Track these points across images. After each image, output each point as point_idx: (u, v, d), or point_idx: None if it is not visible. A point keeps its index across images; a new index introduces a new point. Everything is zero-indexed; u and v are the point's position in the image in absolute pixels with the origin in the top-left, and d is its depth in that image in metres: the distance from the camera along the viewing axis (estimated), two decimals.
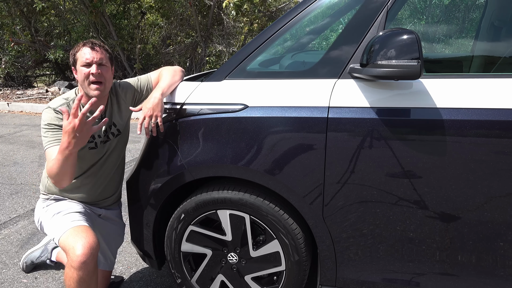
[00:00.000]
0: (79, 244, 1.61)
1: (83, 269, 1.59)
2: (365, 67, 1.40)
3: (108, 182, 1.97)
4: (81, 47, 1.78)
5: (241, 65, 1.66)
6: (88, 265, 1.60)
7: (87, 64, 1.75)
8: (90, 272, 1.62)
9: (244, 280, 1.80)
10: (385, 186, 1.47)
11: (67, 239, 1.66)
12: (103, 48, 1.81)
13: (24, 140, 5.38)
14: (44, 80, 11.46)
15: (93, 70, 1.74)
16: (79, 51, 1.78)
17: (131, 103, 1.96)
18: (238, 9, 6.04)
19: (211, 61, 9.52)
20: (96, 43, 1.80)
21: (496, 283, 1.48)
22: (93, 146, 1.84)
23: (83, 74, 1.75)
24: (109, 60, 1.83)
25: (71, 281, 1.62)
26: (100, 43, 1.82)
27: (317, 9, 1.62)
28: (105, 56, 1.80)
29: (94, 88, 1.75)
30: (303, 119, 1.51)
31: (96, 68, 1.74)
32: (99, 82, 1.76)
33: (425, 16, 4.38)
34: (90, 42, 1.79)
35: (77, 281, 1.61)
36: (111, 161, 1.94)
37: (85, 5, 7.99)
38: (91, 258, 1.61)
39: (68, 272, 1.62)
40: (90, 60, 1.74)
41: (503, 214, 1.40)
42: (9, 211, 3.13)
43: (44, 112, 1.78)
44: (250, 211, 1.67)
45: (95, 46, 1.78)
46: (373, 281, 1.61)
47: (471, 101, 1.38)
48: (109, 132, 1.89)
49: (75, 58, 1.79)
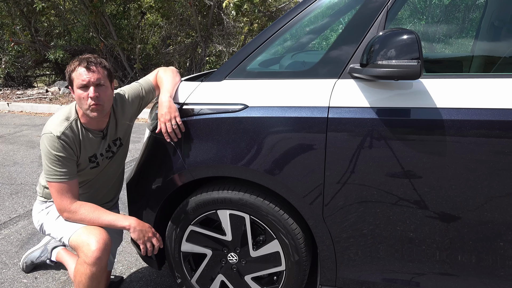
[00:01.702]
0: (94, 240, 1.62)
1: (97, 264, 1.61)
2: (365, 67, 1.40)
3: (109, 190, 1.97)
4: (77, 67, 1.65)
5: (241, 65, 1.66)
6: (102, 261, 1.62)
7: (84, 86, 1.64)
8: (102, 268, 1.64)
9: (244, 280, 1.80)
10: (385, 186, 1.47)
11: (79, 236, 1.66)
12: (100, 65, 1.68)
13: (24, 140, 5.38)
14: (44, 80, 11.46)
15: (91, 93, 1.63)
16: (74, 71, 1.66)
17: (137, 110, 1.91)
18: (238, 9, 6.04)
19: (211, 61, 9.52)
20: (92, 61, 1.66)
21: (496, 283, 1.48)
22: (94, 165, 1.83)
23: (81, 97, 1.64)
24: (108, 77, 1.71)
25: (83, 277, 1.62)
26: (97, 60, 1.69)
27: (317, 9, 1.62)
28: (103, 74, 1.67)
29: (93, 112, 1.66)
30: (303, 119, 1.51)
31: (93, 91, 1.63)
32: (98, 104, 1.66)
33: (425, 16, 4.38)
34: (86, 60, 1.66)
35: (89, 277, 1.62)
36: (112, 171, 1.93)
37: (85, 5, 7.99)
38: (105, 254, 1.63)
39: (80, 269, 1.63)
40: (87, 81, 1.63)
41: (503, 214, 1.40)
42: (9, 211, 3.13)
43: (47, 138, 1.67)
44: (250, 211, 1.67)
45: (91, 65, 1.65)
46: (373, 281, 1.61)
47: (471, 101, 1.38)
48: (113, 147, 1.86)
49: (71, 78, 1.67)
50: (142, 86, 1.91)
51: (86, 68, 1.64)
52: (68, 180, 1.69)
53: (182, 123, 1.64)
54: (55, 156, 1.66)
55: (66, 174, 1.68)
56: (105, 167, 1.88)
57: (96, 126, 1.77)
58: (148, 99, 1.93)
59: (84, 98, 1.65)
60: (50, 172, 1.68)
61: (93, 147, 1.78)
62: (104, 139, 1.81)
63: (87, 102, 1.65)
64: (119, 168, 1.95)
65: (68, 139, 1.68)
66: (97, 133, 1.78)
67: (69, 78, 1.69)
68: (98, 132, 1.78)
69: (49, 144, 1.67)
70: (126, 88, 1.90)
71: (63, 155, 1.67)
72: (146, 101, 1.93)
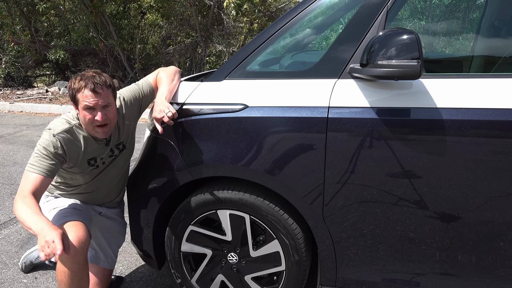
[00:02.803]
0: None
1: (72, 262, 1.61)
2: (365, 67, 1.40)
3: (112, 189, 1.97)
4: (83, 88, 1.62)
5: (241, 65, 1.66)
6: (77, 258, 1.61)
7: (90, 108, 1.63)
8: (80, 265, 1.63)
9: (244, 280, 1.80)
10: (385, 186, 1.47)
11: None
12: (105, 86, 1.65)
13: (24, 140, 5.38)
14: (44, 80, 11.47)
15: (98, 117, 1.63)
16: (80, 92, 1.63)
17: (137, 111, 1.91)
18: (238, 9, 6.04)
19: (211, 61, 9.53)
20: (97, 82, 1.63)
21: (496, 283, 1.48)
22: (94, 168, 1.83)
23: (87, 119, 1.65)
24: (112, 95, 1.69)
25: (63, 275, 1.64)
26: (101, 78, 1.65)
27: (317, 9, 1.62)
28: (108, 95, 1.66)
29: (100, 131, 1.68)
30: (303, 119, 1.51)
31: (101, 115, 1.63)
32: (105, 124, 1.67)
33: (425, 16, 4.38)
34: (92, 82, 1.62)
35: (68, 274, 1.63)
36: (115, 171, 1.92)
37: (85, 5, 7.99)
38: (81, 251, 1.62)
39: (59, 267, 1.65)
40: (93, 105, 1.62)
41: (503, 214, 1.40)
42: (9, 211, 3.13)
43: (45, 133, 1.70)
44: (250, 211, 1.67)
45: (97, 87, 1.62)
46: (373, 281, 1.61)
47: (471, 101, 1.38)
48: (115, 151, 1.87)
49: (76, 97, 1.65)
50: (141, 88, 1.91)
51: (93, 92, 1.62)
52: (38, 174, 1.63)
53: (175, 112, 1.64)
54: (42, 148, 1.65)
55: (40, 168, 1.64)
56: (105, 167, 1.88)
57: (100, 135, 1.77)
58: (148, 100, 1.93)
59: (89, 119, 1.65)
60: (32, 160, 1.66)
61: (94, 151, 1.79)
62: (107, 145, 1.82)
63: (92, 123, 1.66)
64: (123, 169, 1.95)
65: (61, 140, 1.68)
66: (101, 140, 1.79)
67: (73, 97, 1.66)
68: (102, 139, 1.79)
69: (44, 138, 1.69)
70: (125, 91, 1.89)
71: (49, 151, 1.65)
72: (146, 102, 1.93)
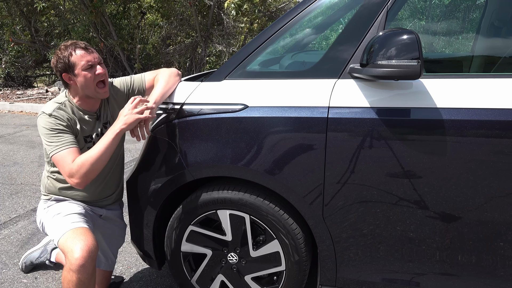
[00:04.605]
0: (78, 247, 1.60)
1: (82, 272, 1.59)
2: (365, 67, 1.40)
3: (108, 180, 1.96)
4: (73, 51, 1.70)
5: (241, 65, 1.66)
6: (87, 268, 1.59)
7: (90, 66, 1.71)
8: (89, 274, 1.61)
9: (244, 280, 1.80)
10: (385, 186, 1.47)
11: (65, 241, 1.65)
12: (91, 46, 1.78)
13: (24, 140, 5.38)
14: (44, 80, 11.47)
15: (100, 70, 1.72)
16: (72, 55, 1.70)
17: (124, 99, 1.93)
18: (238, 9, 6.04)
19: (211, 61, 9.53)
20: (83, 44, 1.74)
21: (496, 283, 1.48)
22: (91, 146, 1.84)
23: (89, 78, 1.71)
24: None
25: (70, 284, 1.61)
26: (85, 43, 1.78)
27: (317, 9, 1.62)
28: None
29: (102, 89, 1.76)
30: (303, 119, 1.51)
31: (102, 68, 1.73)
32: (104, 81, 1.75)
33: (425, 16, 4.38)
34: (77, 44, 1.72)
35: (76, 284, 1.60)
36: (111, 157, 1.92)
37: (85, 5, 7.99)
38: (90, 261, 1.61)
39: (66, 275, 1.61)
40: (93, 61, 1.71)
41: (503, 214, 1.40)
42: (9, 211, 3.13)
43: (40, 118, 1.74)
44: (250, 211, 1.67)
45: (87, 46, 1.74)
46: (373, 281, 1.61)
47: (471, 101, 1.38)
48: (104, 131, 1.88)
49: (70, 63, 1.70)
50: (133, 79, 1.97)
51: (85, 50, 1.71)
52: (68, 147, 1.69)
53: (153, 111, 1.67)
54: (51, 129, 1.71)
55: (65, 143, 1.69)
56: None
57: (91, 107, 1.82)
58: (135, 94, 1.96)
59: (91, 77, 1.71)
60: (51, 146, 1.69)
61: (88, 127, 1.84)
62: (98, 120, 1.87)
63: (94, 80, 1.72)
64: (117, 156, 1.93)
65: (59, 115, 1.73)
66: (91, 114, 1.84)
67: (67, 64, 1.71)
68: (92, 113, 1.85)
69: (44, 123, 1.72)
70: (116, 79, 1.98)
71: (58, 128, 1.71)
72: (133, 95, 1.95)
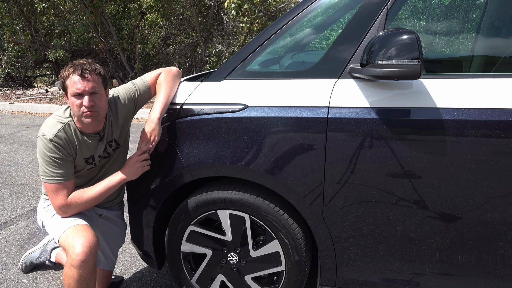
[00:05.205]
0: (79, 243, 1.61)
1: (83, 267, 1.60)
2: (365, 67, 1.40)
3: None
4: (71, 74, 1.63)
5: (241, 65, 1.66)
6: (88, 263, 1.61)
7: (78, 94, 1.62)
8: (90, 270, 1.62)
9: (244, 280, 1.80)
10: (385, 186, 1.47)
11: (66, 238, 1.66)
12: (94, 72, 1.66)
13: (24, 140, 5.38)
14: (44, 80, 11.47)
15: (85, 102, 1.62)
16: (68, 78, 1.63)
17: (132, 111, 1.90)
18: (238, 9, 6.04)
19: (211, 61, 9.53)
20: (86, 68, 1.64)
21: (496, 283, 1.48)
22: (92, 166, 1.83)
23: (75, 105, 1.64)
24: (102, 84, 1.69)
25: (71, 280, 1.62)
26: (91, 66, 1.67)
27: (317, 9, 1.62)
28: (97, 82, 1.66)
29: (87, 121, 1.67)
30: (303, 119, 1.51)
31: (88, 100, 1.62)
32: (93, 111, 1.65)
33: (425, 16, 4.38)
34: (80, 68, 1.63)
35: (77, 280, 1.61)
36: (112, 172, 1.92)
37: (85, 5, 7.99)
38: (91, 256, 1.62)
39: (67, 271, 1.62)
40: (81, 90, 1.61)
41: (503, 214, 1.40)
42: (9, 211, 3.13)
43: (41, 140, 1.69)
44: (250, 211, 1.67)
45: (85, 73, 1.63)
46: (373, 281, 1.61)
47: (471, 101, 1.38)
48: (109, 149, 1.86)
49: (65, 85, 1.65)
50: (137, 86, 1.89)
51: (81, 77, 1.62)
52: (64, 181, 1.70)
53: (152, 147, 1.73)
54: (50, 157, 1.67)
55: (62, 176, 1.69)
56: (102, 167, 1.87)
57: (92, 129, 1.76)
58: (144, 100, 1.92)
59: (78, 106, 1.64)
60: (46, 174, 1.69)
61: (90, 150, 1.79)
62: (101, 141, 1.81)
63: (80, 109, 1.64)
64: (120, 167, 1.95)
65: (61, 141, 1.68)
66: (94, 136, 1.78)
67: (63, 84, 1.67)
68: (95, 135, 1.78)
69: (43, 146, 1.68)
70: (120, 89, 1.89)
71: (58, 157, 1.68)
72: (142, 102, 1.92)
